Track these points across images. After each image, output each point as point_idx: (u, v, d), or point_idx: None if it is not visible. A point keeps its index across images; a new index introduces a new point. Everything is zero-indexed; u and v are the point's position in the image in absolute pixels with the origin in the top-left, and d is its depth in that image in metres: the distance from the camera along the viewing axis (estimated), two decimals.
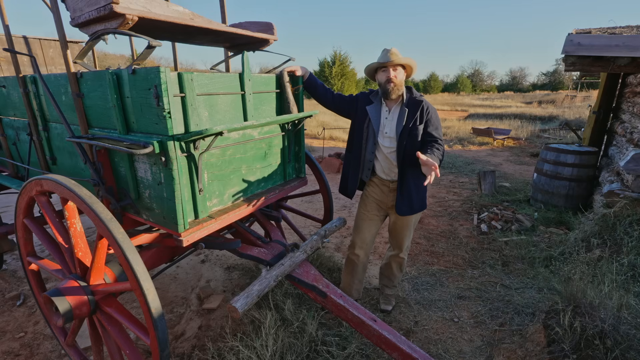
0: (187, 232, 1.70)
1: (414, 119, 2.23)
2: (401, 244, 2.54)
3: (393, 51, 2.20)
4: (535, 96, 32.46)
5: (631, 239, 3.09)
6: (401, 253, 2.57)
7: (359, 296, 2.77)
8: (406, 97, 2.28)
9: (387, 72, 2.21)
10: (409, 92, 2.32)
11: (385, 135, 2.30)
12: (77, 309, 1.63)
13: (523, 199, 5.06)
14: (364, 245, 2.54)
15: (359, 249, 2.55)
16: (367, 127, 2.34)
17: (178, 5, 1.92)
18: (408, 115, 2.24)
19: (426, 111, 2.25)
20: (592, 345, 1.96)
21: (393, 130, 2.27)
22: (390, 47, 2.23)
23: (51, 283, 3.02)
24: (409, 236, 2.54)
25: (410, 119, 2.24)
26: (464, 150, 9.91)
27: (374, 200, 2.47)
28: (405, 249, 2.58)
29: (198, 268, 3.34)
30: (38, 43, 3.91)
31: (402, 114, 2.25)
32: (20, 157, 2.62)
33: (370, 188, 2.47)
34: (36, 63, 2.01)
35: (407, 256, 2.63)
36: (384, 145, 2.31)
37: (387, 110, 2.32)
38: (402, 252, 2.57)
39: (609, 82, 5.14)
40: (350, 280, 2.67)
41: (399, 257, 2.59)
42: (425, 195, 2.43)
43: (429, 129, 2.24)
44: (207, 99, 1.78)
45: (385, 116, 2.31)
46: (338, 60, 35.17)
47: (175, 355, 2.26)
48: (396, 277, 2.69)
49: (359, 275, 2.66)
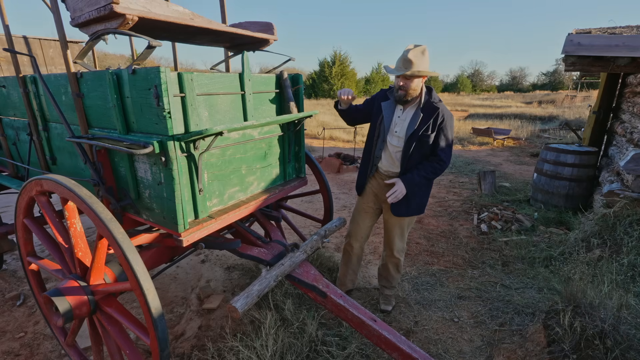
0: (187, 232, 1.70)
1: (426, 125, 2.16)
2: (391, 243, 2.54)
3: (410, 59, 2.04)
4: (535, 96, 32.46)
5: (631, 239, 3.09)
6: (395, 253, 2.56)
7: (353, 286, 2.85)
8: (424, 99, 2.20)
9: (398, 79, 2.15)
10: (428, 94, 2.23)
11: (394, 134, 2.27)
12: (77, 309, 1.63)
13: (523, 199, 5.06)
14: (359, 237, 2.59)
15: (354, 240, 2.61)
16: (379, 124, 2.32)
17: (178, 5, 1.92)
18: (421, 120, 2.17)
19: (440, 119, 2.17)
20: (592, 345, 1.96)
21: (403, 131, 2.23)
22: (410, 50, 2.05)
23: (51, 283, 3.02)
24: (402, 237, 2.53)
25: (423, 125, 2.17)
26: (464, 150, 9.91)
27: (372, 192, 2.49)
28: (399, 251, 2.56)
29: (198, 268, 3.34)
30: (38, 43, 3.91)
31: (415, 118, 2.19)
32: (20, 157, 2.62)
33: (371, 181, 2.49)
34: (36, 63, 2.01)
35: (403, 257, 2.63)
36: (391, 143, 2.28)
37: (401, 109, 2.27)
38: (396, 253, 2.56)
39: (609, 82, 5.14)
40: (345, 270, 2.77)
41: (394, 257, 2.58)
42: (425, 202, 2.41)
43: (438, 140, 2.20)
44: (207, 99, 1.78)
45: (399, 115, 2.27)
46: (338, 60, 35.14)
47: (175, 355, 2.26)
48: (394, 278, 2.68)
49: (354, 266, 2.74)
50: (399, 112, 2.27)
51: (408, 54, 2.04)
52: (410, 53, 2.04)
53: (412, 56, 2.03)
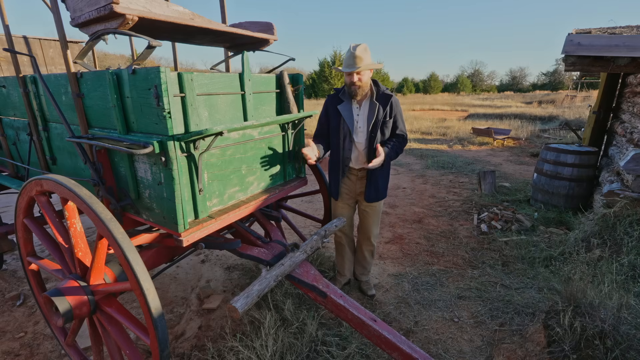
0: (187, 232, 1.70)
1: (384, 112, 2.36)
2: (368, 231, 2.74)
3: (358, 55, 2.22)
4: (535, 96, 32.46)
5: (631, 239, 3.09)
6: (372, 239, 2.78)
7: (351, 276, 3.00)
8: (375, 90, 2.39)
9: (351, 76, 2.29)
10: (375, 86, 2.42)
11: (359, 129, 2.41)
12: (77, 309, 1.63)
13: (523, 199, 5.06)
14: (344, 227, 2.75)
15: (340, 231, 2.79)
16: (342, 127, 2.44)
17: (178, 5, 1.92)
18: (378, 109, 2.35)
19: (395, 106, 2.40)
20: (592, 345, 1.96)
21: (365, 124, 2.39)
22: (356, 47, 2.23)
23: (51, 283, 3.02)
24: (377, 224, 2.75)
25: (381, 113, 2.36)
26: (464, 150, 9.91)
27: (346, 190, 2.64)
28: (374, 236, 2.78)
29: (198, 268, 3.34)
30: (38, 43, 3.91)
31: (372, 108, 2.37)
32: (20, 157, 2.62)
33: (344, 182, 2.61)
34: (36, 63, 2.01)
35: (376, 244, 2.86)
36: (357, 140, 2.42)
37: (358, 106, 2.42)
38: (372, 239, 2.77)
39: (609, 82, 5.14)
40: (342, 260, 2.93)
41: (370, 244, 2.80)
42: (387, 185, 2.65)
43: (397, 123, 2.44)
44: (207, 99, 1.78)
45: (357, 112, 2.42)
46: (338, 60, 35.12)
47: (175, 355, 2.26)
48: (369, 263, 2.90)
49: (348, 255, 2.91)
50: (356, 110, 2.42)
51: (355, 52, 2.22)
52: (357, 50, 2.22)
53: (359, 53, 2.21)
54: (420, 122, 15.19)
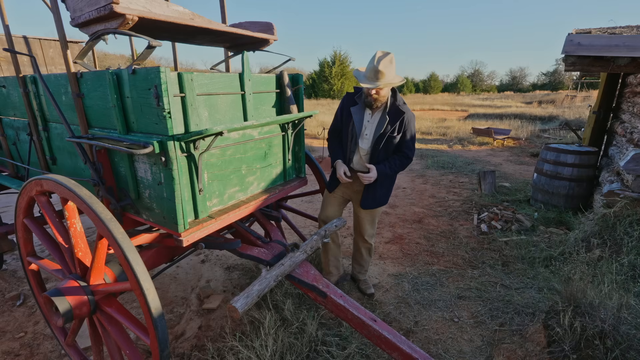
0: (187, 232, 1.70)
1: (392, 127, 2.31)
2: (363, 231, 2.74)
3: (381, 70, 2.12)
4: (535, 96, 32.45)
5: (631, 239, 3.09)
6: (367, 238, 2.77)
7: (339, 273, 2.96)
8: (389, 102, 2.34)
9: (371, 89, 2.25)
10: (393, 97, 2.36)
11: (365, 137, 2.40)
12: (77, 309, 1.63)
13: (523, 199, 5.06)
14: (328, 221, 2.69)
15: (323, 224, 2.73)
16: (351, 128, 2.44)
17: (178, 5, 1.92)
18: (388, 123, 2.31)
19: (406, 122, 2.34)
20: (592, 345, 1.96)
21: (372, 134, 2.37)
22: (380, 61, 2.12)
23: (51, 283, 3.02)
24: (373, 225, 2.75)
25: (389, 127, 2.31)
26: (464, 150, 9.91)
27: (340, 188, 2.64)
28: (370, 236, 2.77)
29: (198, 268, 3.34)
30: (38, 43, 3.91)
31: (382, 121, 2.33)
32: (20, 157, 2.62)
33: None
34: (36, 63, 2.01)
35: (374, 242, 2.85)
36: (362, 146, 2.42)
37: (370, 113, 2.40)
38: (367, 238, 2.77)
39: (609, 82, 5.14)
40: (326, 258, 2.88)
41: (367, 243, 2.80)
42: (389, 193, 2.60)
43: (404, 141, 2.38)
44: (207, 99, 1.78)
45: (367, 119, 2.40)
46: (338, 60, 35.18)
47: (175, 355, 2.26)
48: (366, 261, 2.89)
49: (333, 252, 2.85)
50: (367, 116, 2.40)
51: (379, 65, 2.12)
52: (380, 64, 2.13)
53: (382, 67, 2.13)
54: (420, 122, 15.19)
